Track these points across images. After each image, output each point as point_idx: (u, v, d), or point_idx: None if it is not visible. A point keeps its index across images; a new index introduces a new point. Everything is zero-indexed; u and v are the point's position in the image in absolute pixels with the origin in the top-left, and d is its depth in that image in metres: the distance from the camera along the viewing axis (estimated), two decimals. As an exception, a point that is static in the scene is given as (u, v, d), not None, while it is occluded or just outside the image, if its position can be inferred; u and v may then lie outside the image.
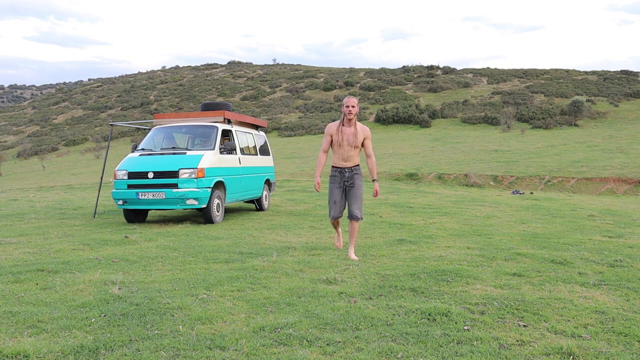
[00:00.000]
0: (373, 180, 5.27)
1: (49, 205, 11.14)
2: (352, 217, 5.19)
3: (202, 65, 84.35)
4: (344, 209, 5.33)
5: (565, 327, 3.07)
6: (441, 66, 62.51)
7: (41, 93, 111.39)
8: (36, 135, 52.91)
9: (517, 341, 2.85)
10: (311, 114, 46.52)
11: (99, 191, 9.95)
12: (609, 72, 55.03)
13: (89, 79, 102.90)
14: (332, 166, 5.30)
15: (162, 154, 8.32)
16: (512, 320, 3.20)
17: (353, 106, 5.14)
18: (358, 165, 5.32)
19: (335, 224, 5.45)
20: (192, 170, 7.78)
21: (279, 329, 3.03)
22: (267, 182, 10.41)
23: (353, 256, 5.13)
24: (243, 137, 9.69)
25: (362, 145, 5.25)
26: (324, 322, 3.18)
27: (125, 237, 6.55)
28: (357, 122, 5.22)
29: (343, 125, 5.20)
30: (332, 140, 5.26)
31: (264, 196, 10.20)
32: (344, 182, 5.24)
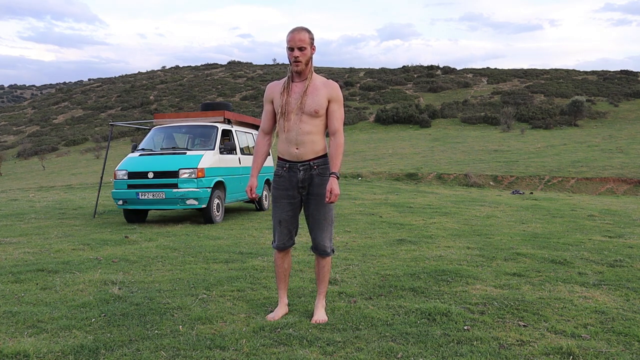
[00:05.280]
0: (331, 174, 3.07)
1: (49, 205, 11.14)
2: (317, 250, 3.27)
3: (202, 65, 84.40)
4: (297, 228, 3.34)
5: (565, 327, 3.07)
6: (441, 66, 62.53)
7: (41, 93, 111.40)
8: (36, 135, 52.92)
9: (517, 341, 2.85)
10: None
11: (99, 191, 9.95)
12: (609, 72, 55.07)
13: (89, 79, 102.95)
14: (278, 158, 3.29)
15: (162, 154, 8.32)
16: (512, 320, 3.20)
17: (302, 48, 3.05)
18: (324, 155, 3.21)
19: (281, 260, 3.35)
20: (192, 170, 7.79)
21: (279, 329, 3.03)
22: (267, 182, 10.42)
23: (322, 315, 3.21)
24: (243, 137, 9.70)
25: (327, 113, 3.13)
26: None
27: (125, 237, 6.55)
28: (315, 74, 3.17)
29: (293, 81, 3.16)
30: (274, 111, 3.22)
31: (264, 196, 10.20)
32: (298, 187, 3.21)
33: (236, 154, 9.01)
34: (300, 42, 3.04)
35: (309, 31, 3.10)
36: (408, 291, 3.85)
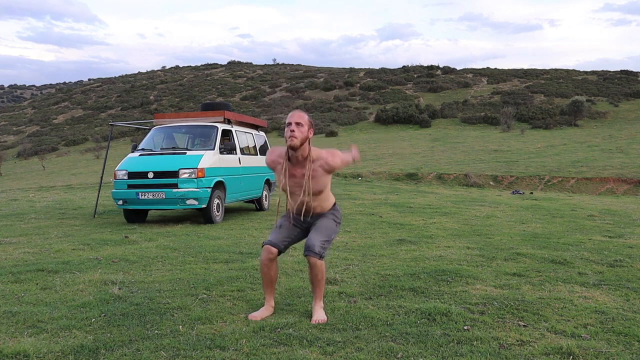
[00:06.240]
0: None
1: (49, 205, 11.14)
2: (307, 249, 3.22)
3: (202, 65, 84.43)
4: (291, 244, 3.42)
5: (565, 327, 3.07)
6: (441, 66, 62.54)
7: (41, 93, 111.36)
8: (36, 135, 52.91)
9: (517, 341, 2.85)
10: (311, 114, 46.56)
11: (99, 191, 9.95)
12: (609, 72, 55.08)
13: (89, 79, 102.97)
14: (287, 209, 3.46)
15: (162, 154, 8.32)
16: (512, 320, 3.20)
17: (299, 124, 3.16)
18: (331, 207, 3.47)
19: (267, 268, 3.31)
20: (192, 170, 7.78)
21: (279, 329, 3.03)
22: (267, 182, 10.42)
23: (321, 315, 3.22)
24: (243, 137, 9.70)
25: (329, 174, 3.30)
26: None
27: (125, 237, 6.55)
28: (312, 148, 3.26)
29: (289, 159, 3.27)
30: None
31: (264, 196, 10.20)
32: (302, 226, 3.44)
33: (236, 154, 9.01)
34: (298, 118, 3.18)
35: (308, 114, 3.30)
36: (408, 291, 3.85)
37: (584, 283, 4.11)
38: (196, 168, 7.79)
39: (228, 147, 8.55)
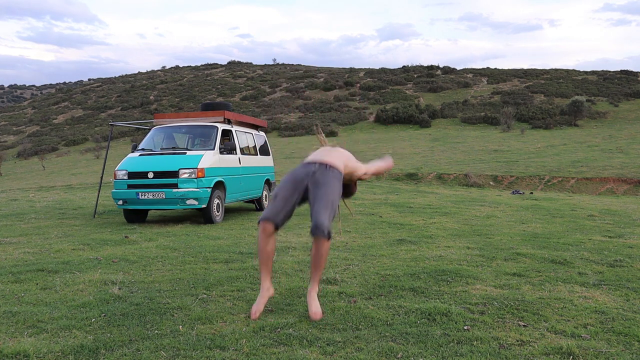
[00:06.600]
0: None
1: (49, 205, 11.14)
2: (314, 228, 3.13)
3: (202, 65, 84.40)
4: (289, 215, 3.36)
5: (565, 327, 3.07)
6: (441, 66, 62.54)
7: (41, 93, 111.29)
8: (36, 135, 52.90)
9: (517, 341, 2.85)
10: (311, 114, 46.56)
11: (99, 191, 9.95)
12: (609, 72, 55.07)
13: (89, 79, 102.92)
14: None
15: (162, 154, 8.32)
16: (512, 320, 3.20)
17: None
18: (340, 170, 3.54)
19: (264, 242, 3.27)
20: (192, 170, 7.79)
21: (279, 329, 3.03)
22: (267, 182, 10.42)
23: (317, 307, 3.24)
24: (243, 137, 9.70)
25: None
26: (324, 322, 3.18)
27: (125, 237, 6.55)
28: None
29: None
30: None
31: (264, 196, 10.21)
32: (308, 176, 3.41)
33: (236, 154, 9.01)
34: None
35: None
36: (408, 291, 3.85)
37: (584, 283, 4.11)
38: (196, 168, 7.80)
39: (228, 147, 8.56)
